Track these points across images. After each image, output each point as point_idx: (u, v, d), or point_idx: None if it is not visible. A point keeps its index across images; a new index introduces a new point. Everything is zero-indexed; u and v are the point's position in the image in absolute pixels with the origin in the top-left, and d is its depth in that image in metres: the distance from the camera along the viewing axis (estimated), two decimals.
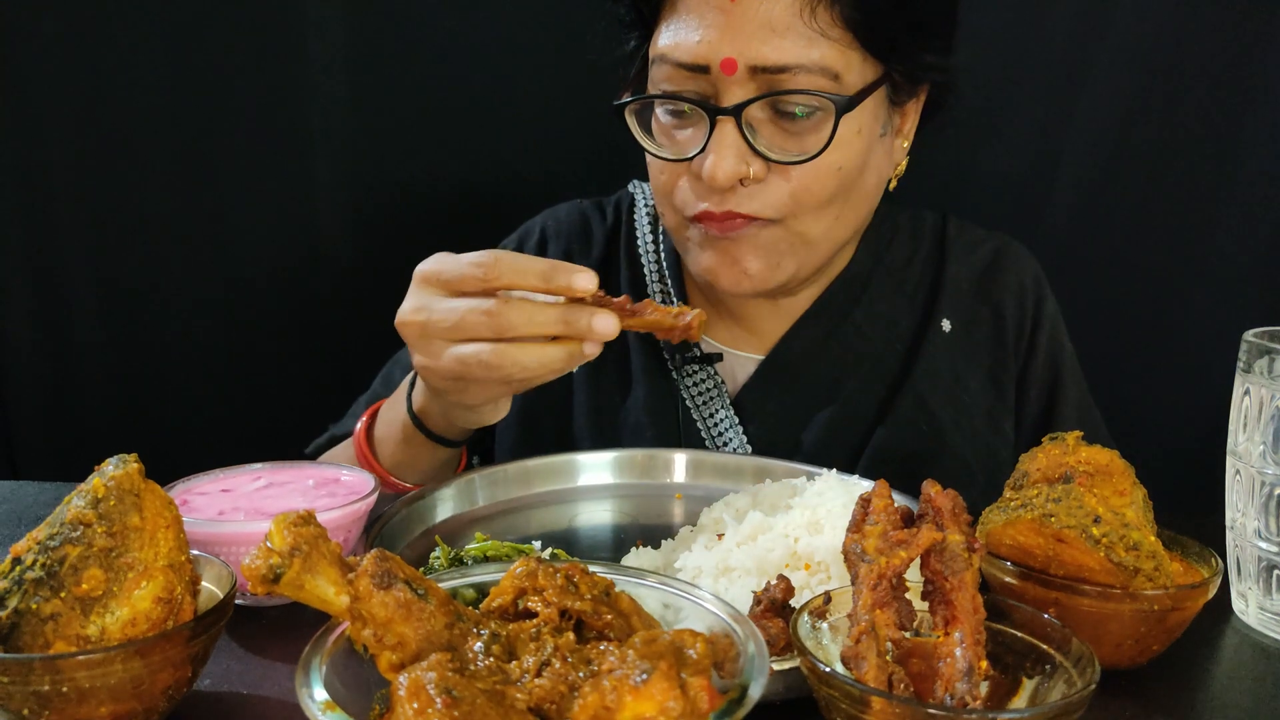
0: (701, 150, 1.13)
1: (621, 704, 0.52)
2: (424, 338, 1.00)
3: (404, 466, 1.22)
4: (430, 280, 1.00)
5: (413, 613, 0.58)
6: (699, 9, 1.11)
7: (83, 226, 1.75)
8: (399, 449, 1.21)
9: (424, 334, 0.99)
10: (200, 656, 0.70)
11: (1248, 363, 0.90)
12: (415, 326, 1.00)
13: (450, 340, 0.97)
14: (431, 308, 0.99)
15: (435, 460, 1.22)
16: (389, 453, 1.22)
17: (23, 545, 0.68)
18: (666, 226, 1.27)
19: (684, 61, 1.12)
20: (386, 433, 1.23)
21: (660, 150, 1.18)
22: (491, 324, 0.94)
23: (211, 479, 0.96)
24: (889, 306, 1.36)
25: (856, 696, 0.60)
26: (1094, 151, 1.67)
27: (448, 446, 1.20)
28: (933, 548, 0.68)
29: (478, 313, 0.95)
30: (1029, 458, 0.85)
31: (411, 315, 1.00)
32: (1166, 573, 0.77)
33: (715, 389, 1.33)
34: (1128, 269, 1.70)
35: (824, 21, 1.09)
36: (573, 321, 0.94)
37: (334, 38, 1.70)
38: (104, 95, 1.70)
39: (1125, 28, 1.61)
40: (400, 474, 1.22)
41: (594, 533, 1.08)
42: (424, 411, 1.17)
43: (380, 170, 1.77)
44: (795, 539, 0.89)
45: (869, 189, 1.22)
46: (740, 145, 1.11)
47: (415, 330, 1.00)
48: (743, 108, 1.10)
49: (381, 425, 1.25)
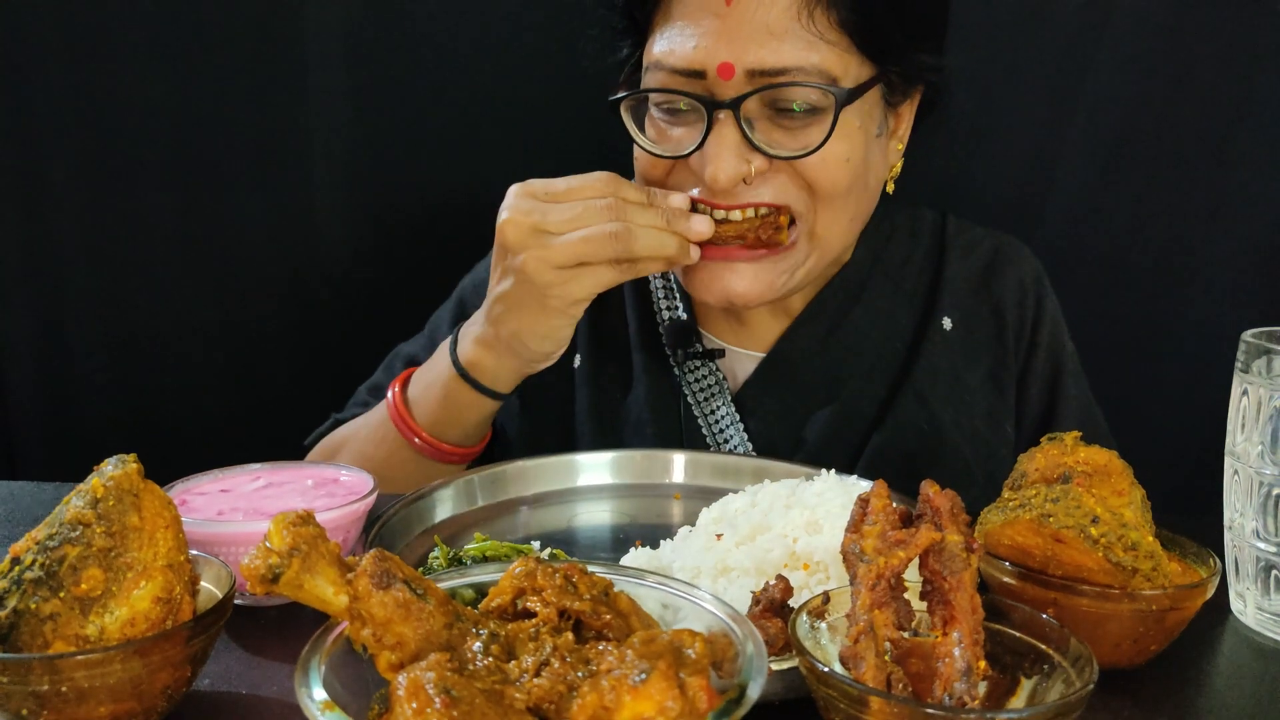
0: (698, 147, 1.13)
1: (620, 703, 0.52)
2: (536, 233, 1.08)
3: (443, 424, 1.24)
4: (538, 192, 1.10)
5: (412, 613, 0.58)
6: (694, 15, 1.11)
7: (82, 226, 1.75)
8: (439, 407, 1.23)
9: (537, 230, 1.08)
10: (199, 656, 0.70)
11: (1246, 363, 0.89)
12: (527, 224, 1.09)
13: (569, 230, 1.08)
14: (545, 209, 1.09)
15: (478, 415, 1.24)
16: (427, 412, 1.24)
17: (22, 545, 0.68)
18: None
19: (680, 67, 1.12)
20: (424, 393, 1.24)
21: (656, 148, 1.18)
22: (611, 213, 1.08)
23: (210, 479, 0.96)
24: (889, 305, 1.36)
25: (855, 696, 0.60)
26: (1094, 151, 1.67)
27: (494, 399, 1.22)
28: (931, 548, 0.68)
29: (599, 204, 1.08)
30: (1027, 458, 0.85)
31: (522, 215, 1.09)
32: (1165, 573, 0.77)
33: (716, 385, 1.33)
34: (1127, 269, 1.70)
35: (821, 25, 1.09)
36: (676, 220, 1.11)
37: (334, 39, 1.70)
38: (104, 96, 1.70)
39: (1125, 28, 1.61)
40: (438, 432, 1.24)
41: (593, 533, 1.09)
42: (476, 362, 1.20)
43: (380, 171, 1.77)
44: (794, 539, 0.89)
45: (872, 188, 1.22)
46: (739, 142, 1.11)
47: (527, 227, 1.08)
48: (741, 101, 1.10)
49: (416, 387, 1.26)
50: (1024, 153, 1.70)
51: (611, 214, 1.08)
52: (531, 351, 1.17)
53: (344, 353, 1.78)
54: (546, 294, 1.09)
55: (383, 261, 1.80)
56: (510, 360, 1.18)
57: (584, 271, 1.08)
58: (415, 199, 1.78)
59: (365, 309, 1.80)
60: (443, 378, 1.22)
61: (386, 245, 1.80)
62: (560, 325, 1.14)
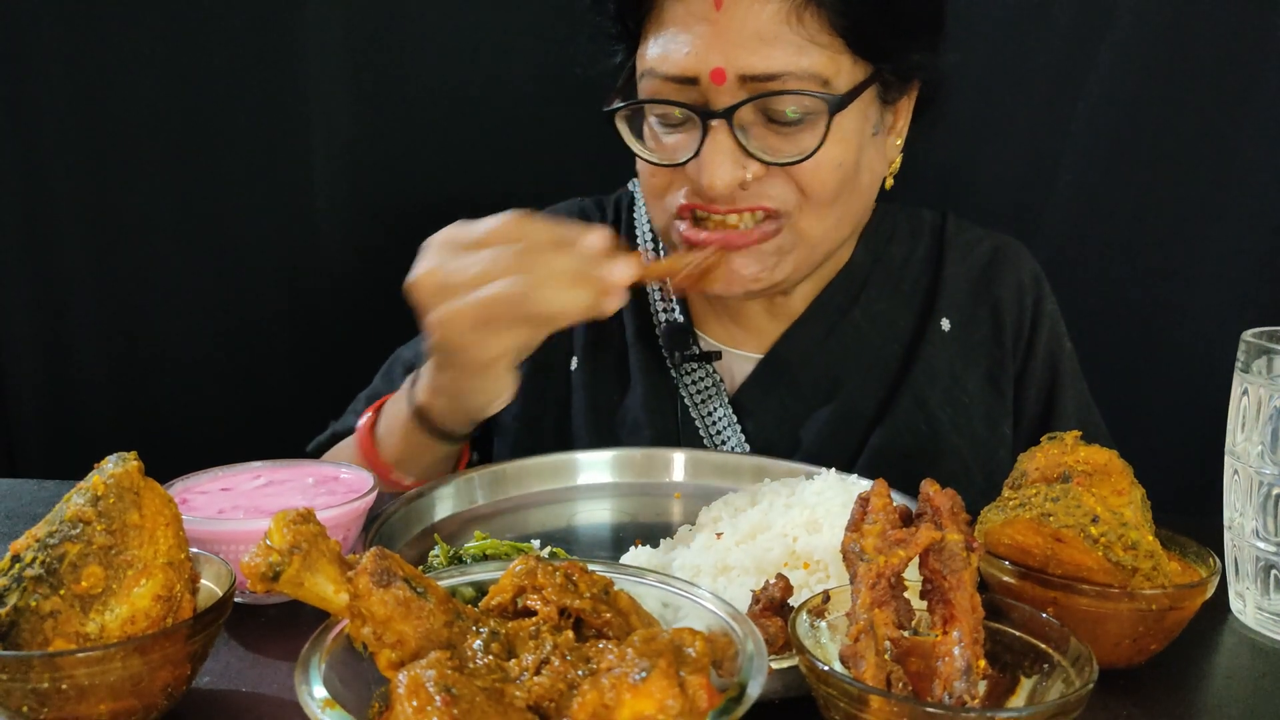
0: (695, 155, 1.13)
1: (620, 702, 0.52)
2: (442, 291, 1.00)
3: (406, 462, 1.22)
4: (447, 244, 1.02)
5: (412, 611, 0.58)
6: (685, 20, 1.11)
7: (82, 225, 1.75)
8: (401, 444, 1.21)
9: (443, 288, 1.00)
10: (199, 654, 0.70)
11: (1246, 362, 0.90)
12: (432, 284, 1.00)
13: (473, 287, 0.98)
14: (449, 264, 1.00)
15: (436, 456, 1.22)
16: (391, 448, 1.22)
17: (22, 543, 0.68)
18: (655, 226, 1.27)
19: (672, 74, 1.12)
20: (389, 428, 1.23)
21: (652, 156, 1.18)
22: (517, 264, 0.96)
23: (211, 477, 0.96)
24: (888, 305, 1.36)
25: (855, 695, 0.60)
26: (1094, 151, 1.67)
27: (449, 442, 1.20)
28: (931, 547, 0.68)
29: (506, 254, 0.97)
30: (1027, 457, 0.86)
31: (426, 275, 1.01)
32: (1164, 572, 0.77)
33: (714, 387, 1.33)
34: (1127, 269, 1.70)
35: (812, 28, 1.09)
36: (592, 265, 0.98)
37: (334, 40, 1.70)
38: (104, 95, 1.70)
39: (1125, 28, 1.61)
40: (402, 469, 1.22)
41: (593, 531, 1.09)
42: (428, 405, 1.16)
43: (379, 169, 1.77)
44: (794, 538, 0.89)
45: (864, 188, 1.22)
46: (734, 149, 1.11)
47: (432, 286, 1.00)
48: (734, 110, 1.10)
49: (384, 421, 1.24)
50: (1024, 153, 1.70)
51: (514, 266, 0.97)
52: (472, 399, 1.12)
53: (344, 351, 1.78)
54: (465, 352, 1.03)
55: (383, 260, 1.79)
56: (457, 406, 1.14)
57: (493, 330, 1.00)
58: (416, 199, 1.78)
59: (365, 307, 1.80)
60: (402, 416, 1.19)
61: (387, 244, 1.79)
62: (487, 383, 1.08)
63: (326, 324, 1.82)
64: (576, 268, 0.98)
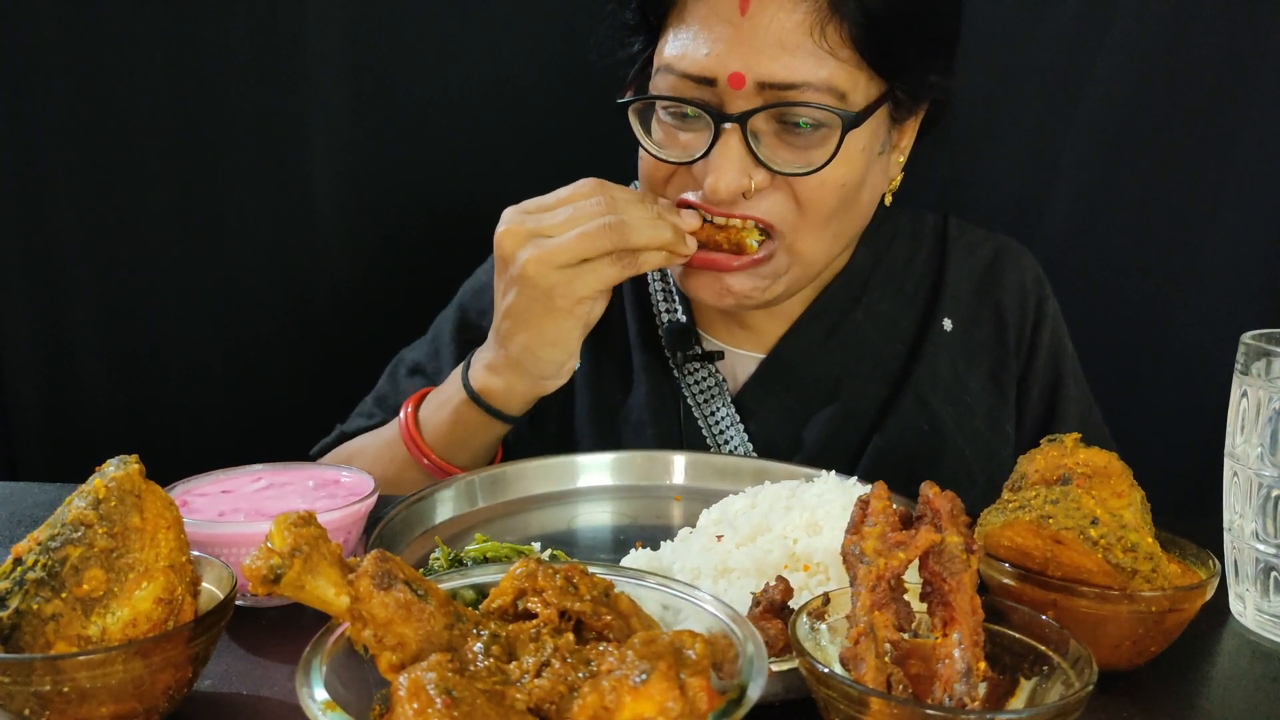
0: (704, 155, 1.13)
1: (620, 704, 0.53)
2: (533, 238, 1.10)
3: (454, 447, 1.24)
4: (530, 206, 1.14)
5: (413, 613, 0.58)
6: (708, 20, 1.11)
7: (82, 227, 1.75)
8: (449, 430, 1.23)
9: (533, 235, 1.11)
10: (201, 657, 0.70)
11: (1245, 364, 0.90)
12: (522, 232, 1.11)
13: (565, 230, 1.09)
14: (539, 216, 1.12)
15: (487, 439, 1.24)
16: (438, 435, 1.24)
17: (24, 546, 0.68)
18: None
19: (691, 73, 1.12)
20: (435, 415, 1.25)
21: (661, 152, 1.18)
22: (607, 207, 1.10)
23: (212, 480, 0.96)
24: (890, 306, 1.36)
25: (855, 697, 0.60)
26: (1094, 152, 1.67)
27: (505, 422, 1.22)
28: (931, 549, 0.68)
29: (592, 202, 1.10)
30: (1027, 459, 0.86)
31: (517, 225, 1.12)
32: (1164, 574, 0.77)
33: (716, 387, 1.34)
34: (1127, 270, 1.70)
35: (833, 41, 1.09)
36: (666, 213, 1.14)
37: (334, 41, 1.70)
38: (104, 96, 1.70)
39: (1125, 28, 1.61)
40: (449, 456, 1.24)
41: (593, 534, 1.09)
42: (486, 389, 1.20)
43: (380, 172, 1.77)
44: (794, 540, 0.89)
45: (863, 205, 1.22)
46: (743, 155, 1.11)
47: (522, 235, 1.11)
48: (749, 116, 1.10)
49: (428, 409, 1.26)
50: (1024, 154, 1.70)
51: (604, 209, 1.10)
52: (542, 364, 1.16)
53: (346, 354, 1.78)
54: (551, 295, 1.10)
55: (385, 263, 1.81)
56: (521, 381, 1.18)
57: (585, 268, 1.09)
58: (418, 201, 1.78)
59: (366, 309, 1.80)
60: (454, 401, 1.22)
61: (389, 246, 1.80)
62: (569, 329, 1.14)
63: (327, 326, 1.82)
64: (656, 212, 1.13)
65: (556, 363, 1.17)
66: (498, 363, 1.18)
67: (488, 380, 1.20)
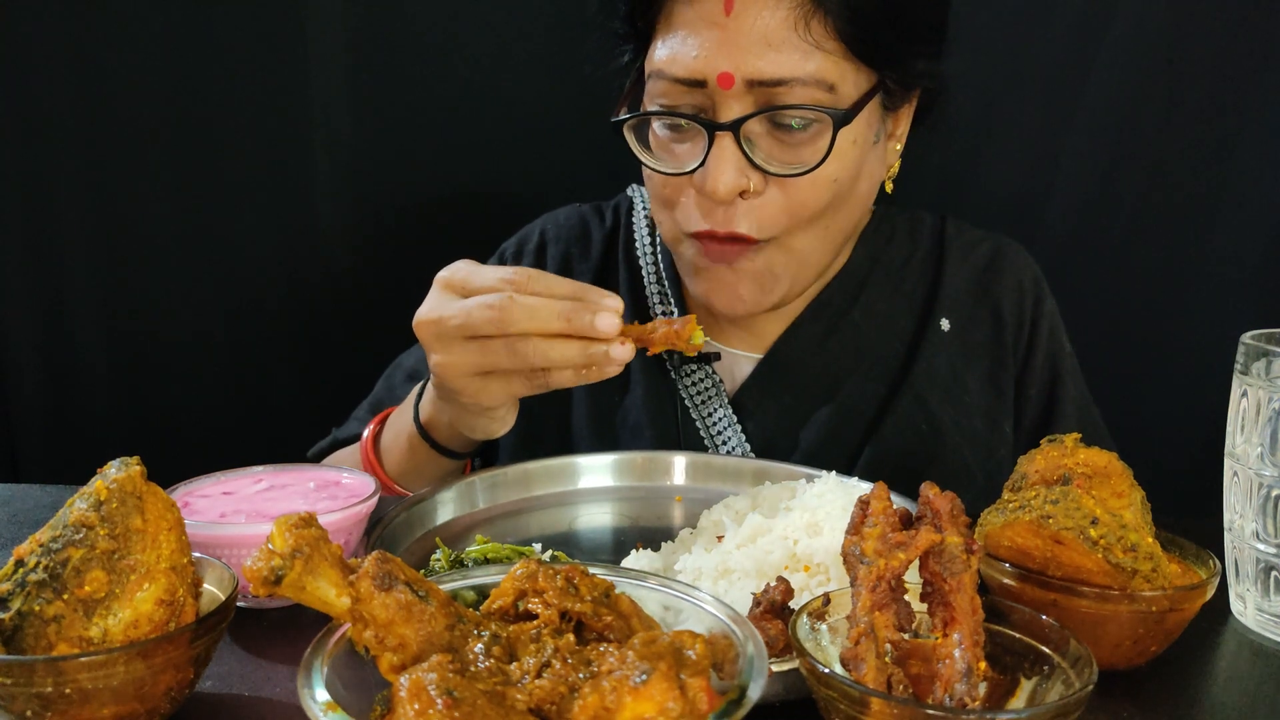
0: (701, 164, 1.13)
1: (621, 704, 0.53)
2: (440, 337, 1.01)
3: (409, 475, 1.23)
4: (452, 286, 1.02)
5: (414, 614, 0.58)
6: (694, 24, 1.12)
7: (83, 228, 1.75)
8: (404, 458, 1.22)
9: (440, 333, 1.01)
10: (202, 658, 0.70)
11: (1245, 364, 0.90)
12: (431, 325, 1.01)
13: (463, 335, 0.99)
14: (445, 307, 1.00)
15: (439, 471, 1.23)
16: (394, 461, 1.23)
17: (25, 547, 0.68)
18: (663, 236, 1.28)
19: (681, 76, 1.12)
20: (393, 441, 1.24)
21: (658, 164, 1.19)
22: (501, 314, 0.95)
23: (213, 481, 0.96)
24: (888, 306, 1.36)
25: (855, 698, 0.61)
26: (1093, 152, 1.67)
27: (452, 458, 1.21)
28: (931, 549, 0.68)
29: (492, 303, 0.96)
30: (1027, 459, 0.86)
31: (428, 315, 1.02)
32: (1164, 574, 0.77)
33: (713, 388, 1.34)
34: (1126, 270, 1.70)
35: (818, 34, 1.09)
36: (575, 319, 0.95)
37: (336, 41, 1.70)
38: (104, 96, 1.70)
39: (1125, 28, 1.61)
40: (405, 483, 1.23)
41: (594, 535, 1.09)
42: (431, 422, 1.18)
43: (381, 174, 1.78)
44: (794, 541, 0.89)
45: (861, 196, 1.23)
46: (739, 159, 1.12)
47: (431, 329, 1.02)
48: (740, 123, 1.11)
49: (389, 433, 1.26)
50: (1024, 154, 1.70)
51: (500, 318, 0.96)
52: (473, 431, 1.12)
53: (346, 353, 1.79)
54: (460, 397, 1.04)
55: (384, 263, 1.81)
56: (458, 432, 1.15)
57: (491, 379, 1.01)
58: (418, 201, 1.79)
59: (367, 310, 1.80)
60: (408, 427, 1.21)
61: (388, 246, 1.80)
62: (487, 422, 1.09)
63: (328, 327, 1.83)
64: (560, 313, 0.95)
65: (484, 433, 1.12)
66: (437, 408, 1.15)
67: (432, 415, 1.17)
